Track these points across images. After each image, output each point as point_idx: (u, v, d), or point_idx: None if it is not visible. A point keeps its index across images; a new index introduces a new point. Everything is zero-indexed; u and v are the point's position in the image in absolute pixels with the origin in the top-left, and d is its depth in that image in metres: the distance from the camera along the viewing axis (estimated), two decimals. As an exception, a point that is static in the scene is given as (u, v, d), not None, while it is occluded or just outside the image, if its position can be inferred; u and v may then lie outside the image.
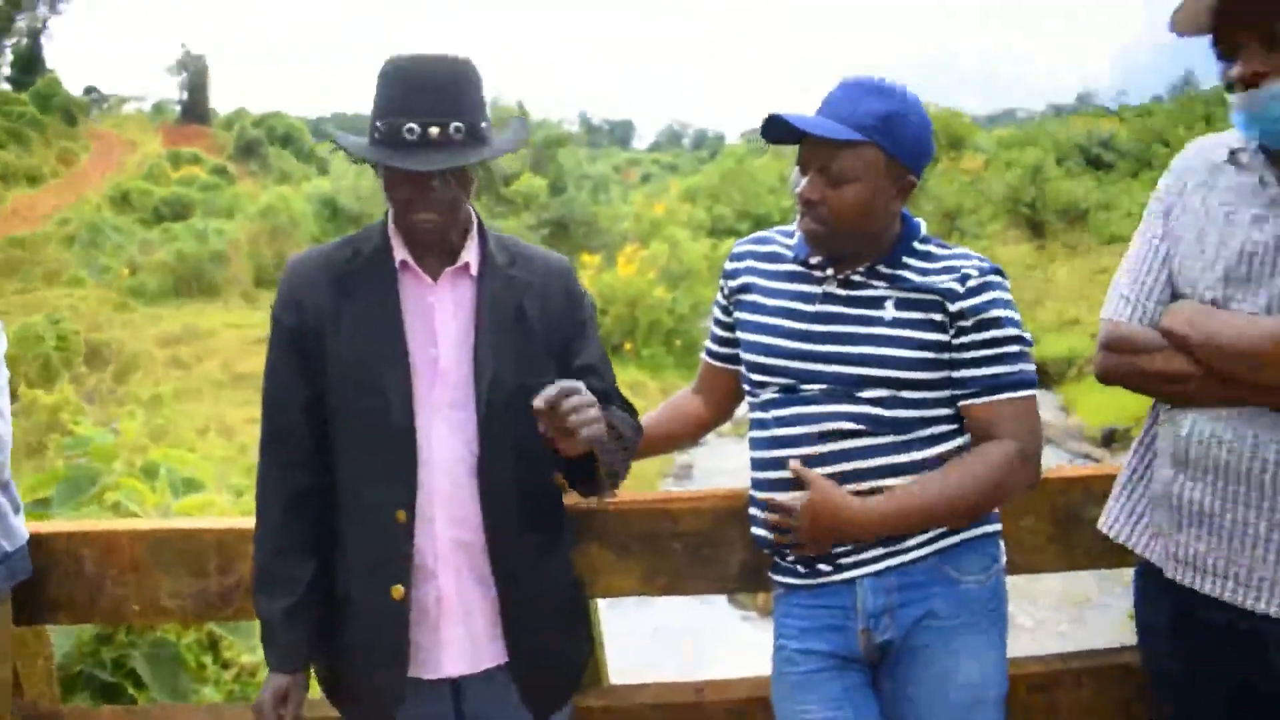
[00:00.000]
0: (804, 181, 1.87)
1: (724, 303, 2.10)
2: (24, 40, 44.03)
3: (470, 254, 1.93)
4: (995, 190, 29.29)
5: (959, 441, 1.90)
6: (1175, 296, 1.81)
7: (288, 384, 1.94)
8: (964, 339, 1.85)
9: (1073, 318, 20.39)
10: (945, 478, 1.84)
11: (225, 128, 45.70)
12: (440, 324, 1.91)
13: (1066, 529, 2.20)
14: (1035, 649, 2.40)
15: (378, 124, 1.79)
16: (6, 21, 40.81)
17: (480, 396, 1.89)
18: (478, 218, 1.99)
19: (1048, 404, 16.25)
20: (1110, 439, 14.40)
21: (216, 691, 3.50)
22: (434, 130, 1.77)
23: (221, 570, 2.29)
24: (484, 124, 1.85)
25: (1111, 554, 2.04)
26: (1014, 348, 1.87)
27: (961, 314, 1.85)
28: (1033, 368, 1.90)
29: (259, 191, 29.19)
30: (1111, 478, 2.03)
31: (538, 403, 1.67)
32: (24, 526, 2.27)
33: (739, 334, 2.03)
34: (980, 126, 45.17)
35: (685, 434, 2.25)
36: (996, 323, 1.85)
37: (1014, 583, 2.05)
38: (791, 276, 1.98)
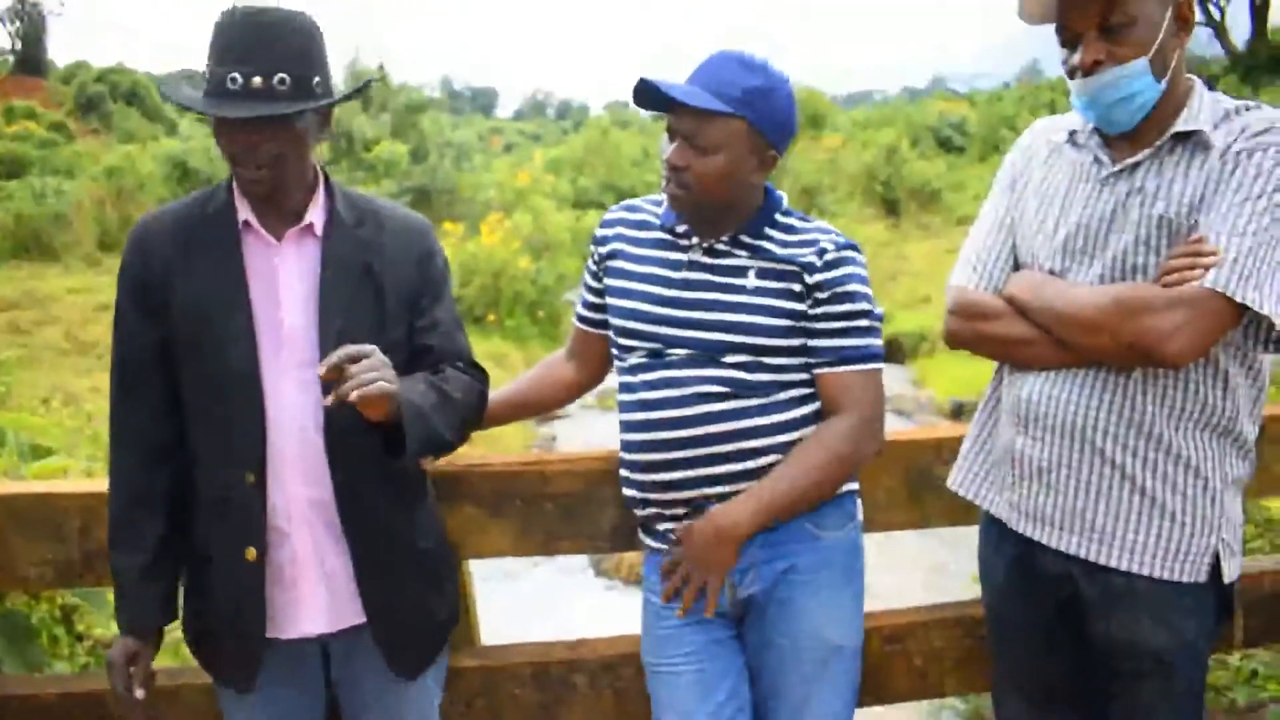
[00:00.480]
0: (671, 148, 1.93)
1: (594, 268, 2.15)
2: None
3: (315, 214, 1.91)
4: (852, 169, 30.05)
5: (814, 406, 2.00)
6: (1018, 266, 1.96)
7: (136, 335, 1.91)
8: (818, 310, 1.95)
9: (925, 295, 21.10)
10: (801, 461, 1.94)
11: (64, 81, 43.14)
12: (284, 285, 1.89)
13: (919, 488, 2.34)
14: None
15: (204, 73, 1.77)
16: None
17: (324, 356, 1.82)
18: (326, 177, 1.97)
19: (900, 378, 16.83)
20: (959, 411, 15.04)
21: (70, 666, 3.40)
22: (256, 80, 1.74)
23: (83, 535, 2.24)
24: (316, 79, 1.82)
25: (960, 511, 2.20)
26: (864, 322, 1.98)
27: (818, 286, 1.94)
28: (879, 342, 2.02)
29: (102, 151, 27.67)
30: (960, 439, 2.16)
31: (320, 369, 1.70)
32: None
33: (608, 299, 2.09)
34: (839, 106, 46.29)
35: (556, 398, 2.30)
36: (850, 297, 1.96)
37: (875, 550, 2.18)
38: (659, 244, 2.04)
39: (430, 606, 2.07)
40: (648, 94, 1.92)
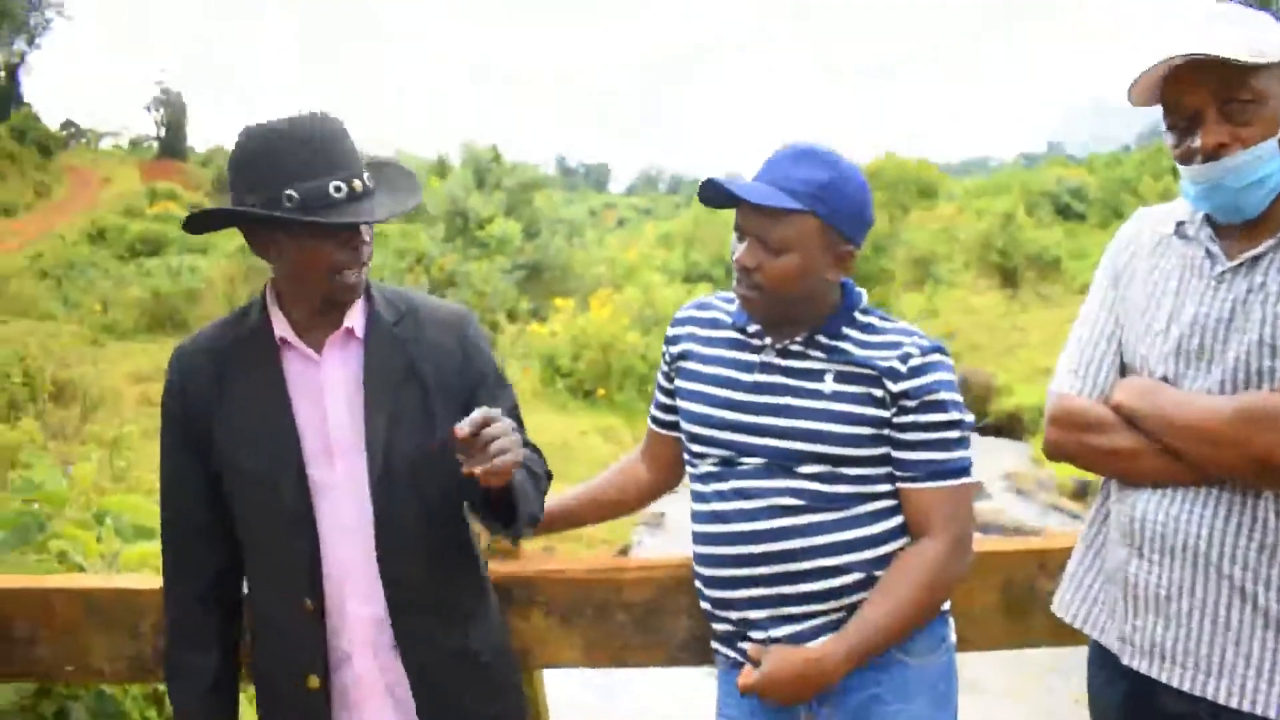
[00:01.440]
0: (741, 248, 1.85)
1: (666, 369, 2.08)
2: (1, 74, 43.90)
3: (355, 317, 1.86)
4: (967, 238, 29.58)
5: (898, 520, 1.87)
6: (1124, 371, 1.80)
7: (182, 469, 1.89)
8: (904, 419, 1.83)
9: (1045, 367, 20.47)
10: (893, 594, 1.81)
11: (203, 165, 45.64)
12: (330, 395, 1.85)
13: (1020, 604, 2.16)
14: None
15: (289, 191, 1.70)
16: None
17: (374, 466, 1.82)
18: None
19: (1020, 455, 16.26)
20: (1083, 491, 14.43)
21: (160, 752, 3.40)
22: (357, 184, 1.74)
23: (156, 632, 2.23)
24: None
25: (1066, 630, 2.00)
26: (955, 433, 1.85)
27: (905, 394, 1.82)
28: (970, 453, 1.88)
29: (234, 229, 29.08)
30: (1066, 551, 2.00)
31: (461, 428, 1.61)
32: None
33: (679, 402, 2.00)
34: (951, 174, 45.74)
35: (630, 499, 2.21)
36: (939, 406, 1.84)
37: (971, 668, 2.02)
38: (730, 344, 1.96)
39: (495, 717, 1.99)
40: (715, 193, 1.85)
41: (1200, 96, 1.64)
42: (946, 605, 1.94)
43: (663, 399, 2.11)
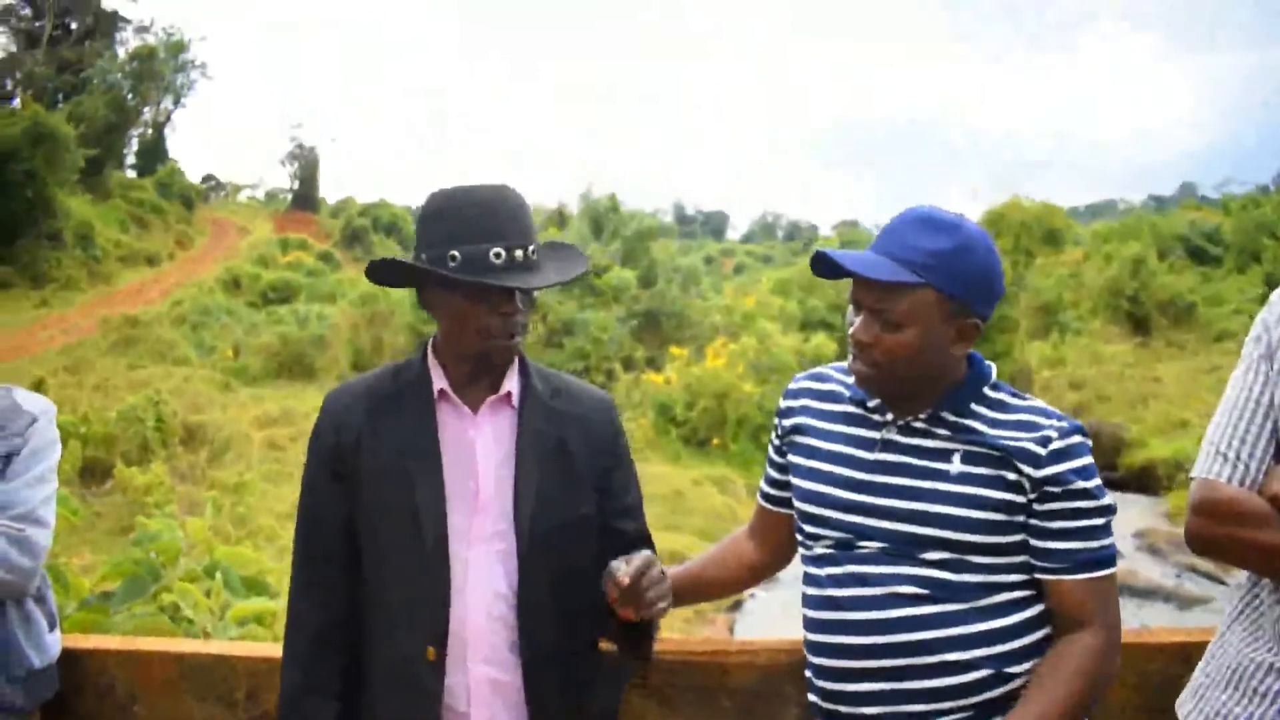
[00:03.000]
0: (856, 321, 1.73)
1: (778, 443, 1.96)
2: (149, 130, 46.45)
3: (512, 383, 1.91)
4: (1095, 284, 28.62)
5: (1031, 612, 1.71)
6: None
7: (326, 504, 1.90)
8: (1046, 507, 1.68)
9: (1180, 419, 19.57)
10: (1053, 689, 1.65)
11: (333, 215, 47.38)
12: (481, 456, 1.87)
13: (1162, 700, 1.95)
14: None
15: (453, 251, 1.78)
16: (134, 114, 43.15)
17: (521, 530, 1.84)
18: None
19: (1152, 511, 15.52)
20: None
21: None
22: (518, 253, 1.79)
23: (250, 700, 2.21)
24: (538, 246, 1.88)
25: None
26: (1100, 520, 1.70)
27: (1047, 481, 1.67)
28: (1114, 540, 1.73)
29: (361, 278, 30.01)
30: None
31: (622, 579, 1.68)
32: (58, 642, 2.23)
33: (792, 479, 1.88)
34: (1079, 218, 44.37)
35: (737, 579, 2.09)
36: (1085, 494, 1.68)
37: None
38: (849, 419, 1.83)
39: None
40: (825, 265, 1.74)
41: None
42: None
43: (774, 474, 1.99)
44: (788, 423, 1.92)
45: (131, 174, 43.33)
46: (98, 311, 25.47)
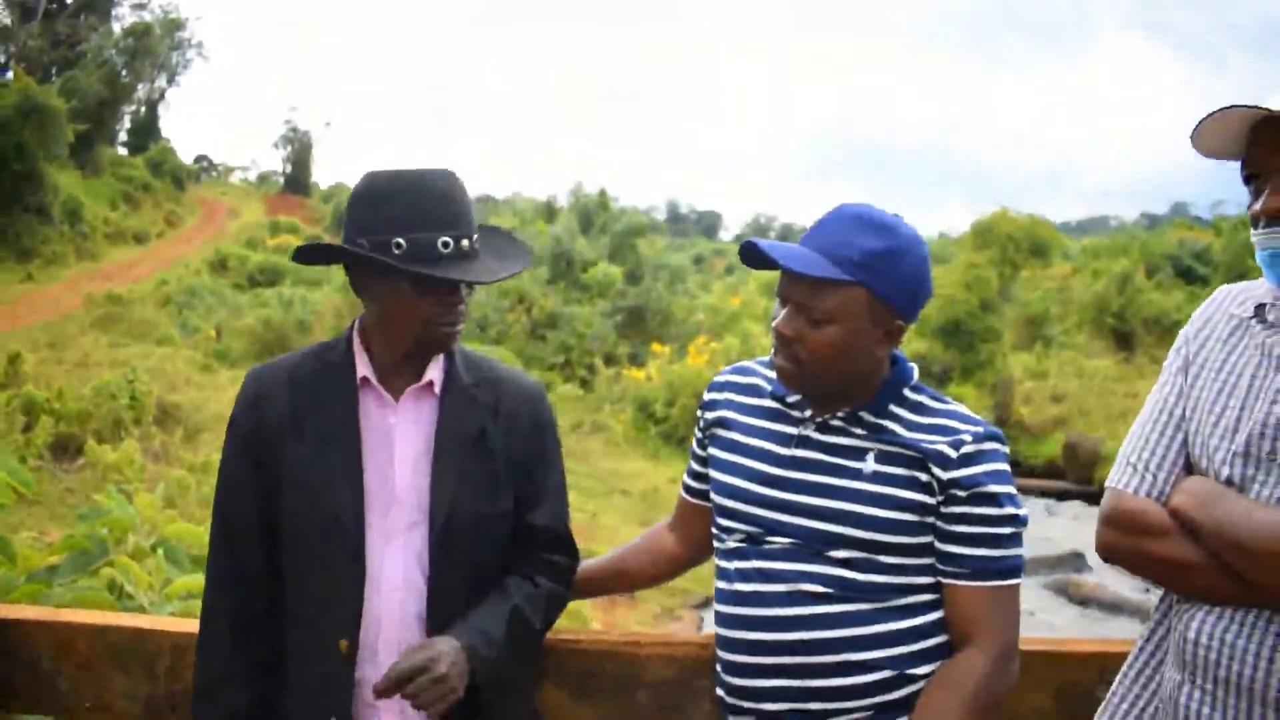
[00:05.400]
0: (781, 315, 1.72)
1: (700, 436, 1.95)
2: (142, 108, 46.20)
3: (435, 371, 1.87)
4: (1082, 299, 28.68)
5: (937, 614, 1.71)
6: (1191, 469, 1.58)
7: (242, 493, 1.87)
8: (952, 510, 1.68)
9: (1158, 436, 19.60)
10: (939, 713, 1.63)
11: (324, 200, 47.21)
12: (400, 446, 1.84)
13: (1076, 711, 1.95)
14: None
15: (399, 239, 1.74)
16: (128, 91, 42.89)
17: (435, 521, 1.80)
18: None
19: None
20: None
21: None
22: (465, 244, 1.77)
23: (171, 672, 2.19)
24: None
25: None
26: (1007, 529, 1.69)
27: (955, 484, 1.67)
28: (1022, 551, 1.72)
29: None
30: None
31: (378, 686, 1.67)
32: None
33: (711, 471, 1.87)
34: (1070, 233, 44.48)
35: (656, 571, 2.09)
36: (992, 499, 1.67)
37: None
38: (769, 414, 1.82)
39: None
40: (755, 256, 1.72)
41: (1271, 151, 1.45)
42: None
43: (696, 467, 1.99)
44: (710, 415, 1.91)
45: (123, 151, 43.12)
46: (83, 288, 25.32)
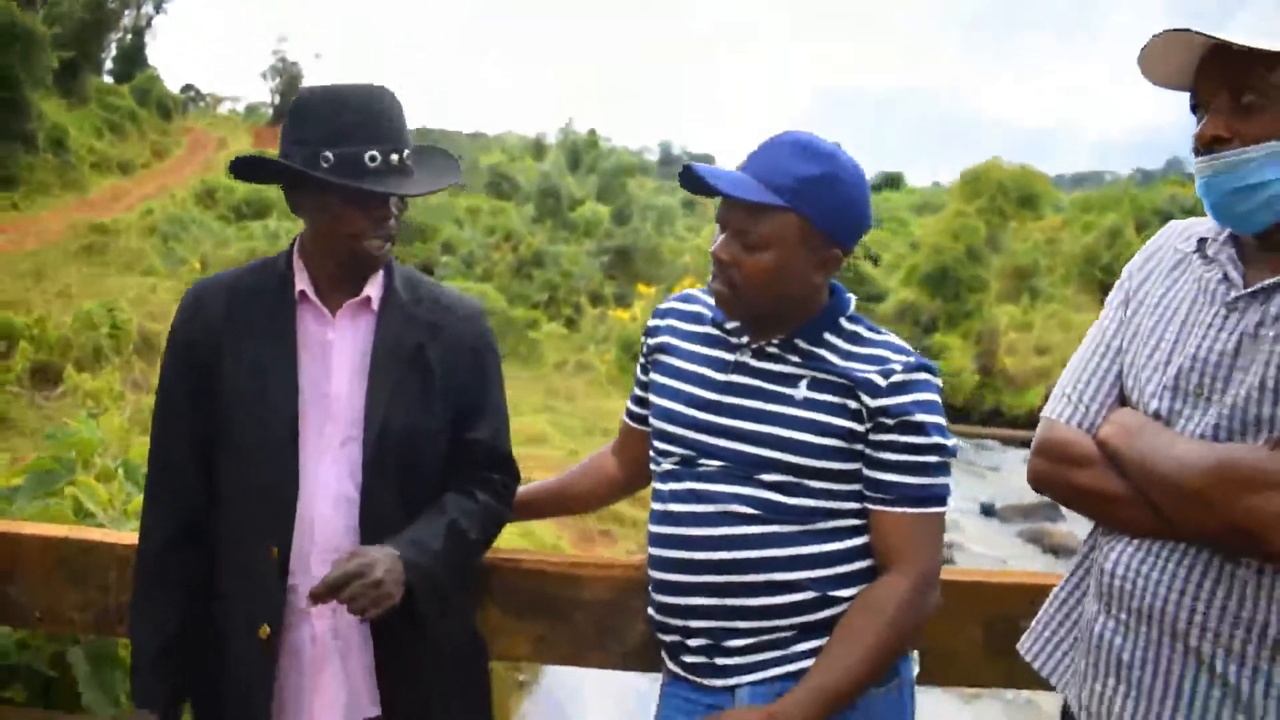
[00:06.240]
0: (718, 240, 1.73)
1: (643, 361, 1.97)
2: (128, 36, 45.45)
3: (373, 289, 1.88)
4: (1071, 252, 28.69)
5: (862, 540, 1.74)
6: (1125, 400, 1.60)
7: (179, 404, 1.88)
8: (880, 437, 1.70)
9: (1139, 389, 19.70)
10: (858, 639, 1.67)
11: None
12: (336, 358, 1.86)
13: (1006, 642, 1.98)
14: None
15: (327, 153, 1.74)
16: (114, 18, 42.19)
17: (369, 435, 1.82)
18: None
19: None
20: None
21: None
22: (394, 157, 1.77)
23: (121, 583, 2.22)
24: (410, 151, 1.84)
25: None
26: (933, 458, 1.71)
27: (883, 411, 1.69)
28: (948, 480, 1.74)
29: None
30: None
31: (314, 590, 1.68)
32: None
33: (651, 396, 1.89)
34: (1064, 186, 44.37)
35: (598, 494, 2.12)
36: (919, 428, 1.69)
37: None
38: (708, 340, 1.84)
39: (452, 702, 1.96)
40: (693, 181, 1.73)
41: (1213, 84, 1.45)
42: None
43: (638, 392, 2.01)
44: (653, 341, 1.93)
45: (109, 80, 42.46)
46: (69, 217, 25.10)
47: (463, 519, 1.87)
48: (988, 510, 16.10)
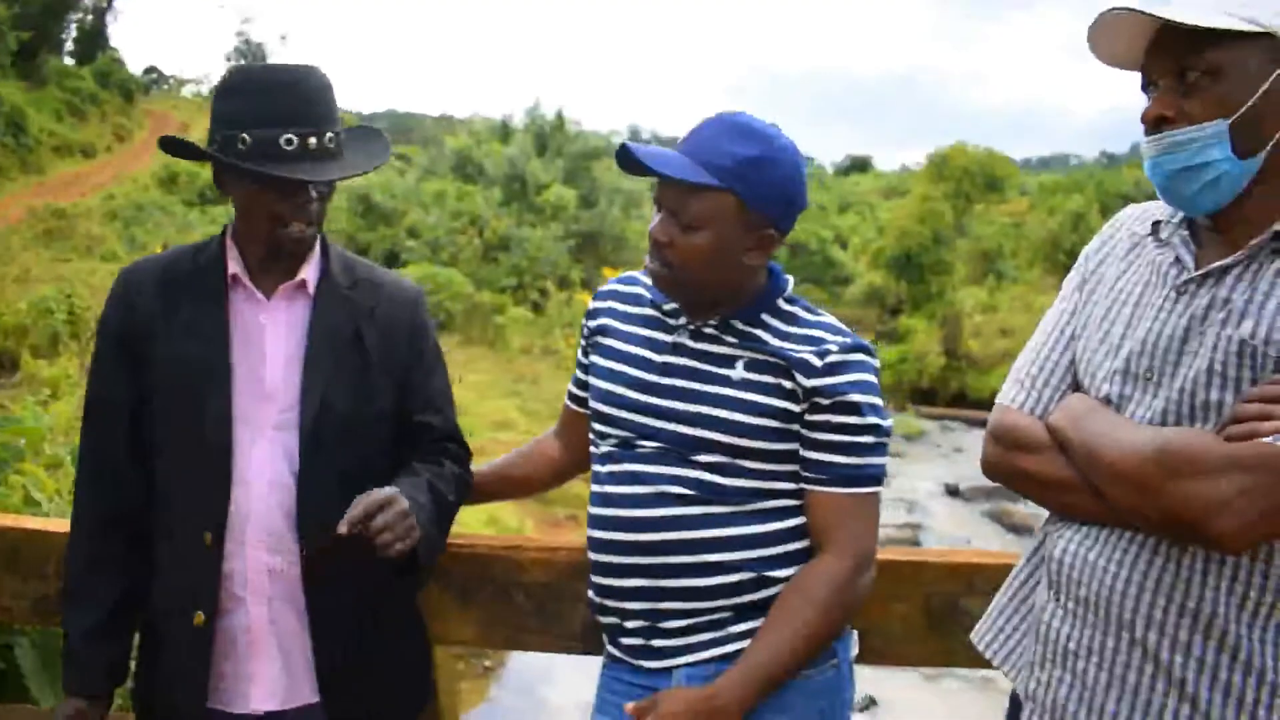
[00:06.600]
0: (655, 220, 1.73)
1: (584, 343, 1.96)
2: (89, 17, 44.74)
3: (309, 272, 1.87)
4: (1036, 235, 28.91)
5: (798, 520, 1.75)
6: (1079, 386, 1.57)
7: (111, 388, 1.86)
8: (816, 418, 1.70)
9: (1102, 371, 19.91)
10: (791, 621, 1.67)
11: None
12: (271, 342, 1.84)
13: (942, 620, 2.00)
14: None
15: (244, 134, 1.72)
16: (73, -3, 41.51)
17: (305, 420, 1.81)
18: (323, 236, 1.91)
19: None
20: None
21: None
22: (312, 140, 1.74)
23: (60, 575, 2.19)
24: (340, 133, 1.81)
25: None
26: (868, 438, 1.71)
27: (818, 391, 1.69)
28: (883, 460, 1.74)
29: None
30: (996, 569, 1.85)
31: (342, 528, 1.63)
32: None
33: (590, 378, 1.89)
34: (1030, 170, 44.65)
35: (541, 477, 2.12)
36: (854, 408, 1.70)
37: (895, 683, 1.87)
38: (647, 322, 1.84)
39: (393, 688, 1.95)
40: (629, 160, 1.72)
41: (1161, 64, 1.42)
42: None
43: (579, 375, 2.01)
44: (593, 324, 1.93)
45: (69, 62, 41.78)
46: (28, 201, 24.71)
47: (439, 482, 1.88)
48: (952, 491, 16.24)
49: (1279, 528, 1.29)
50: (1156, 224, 1.54)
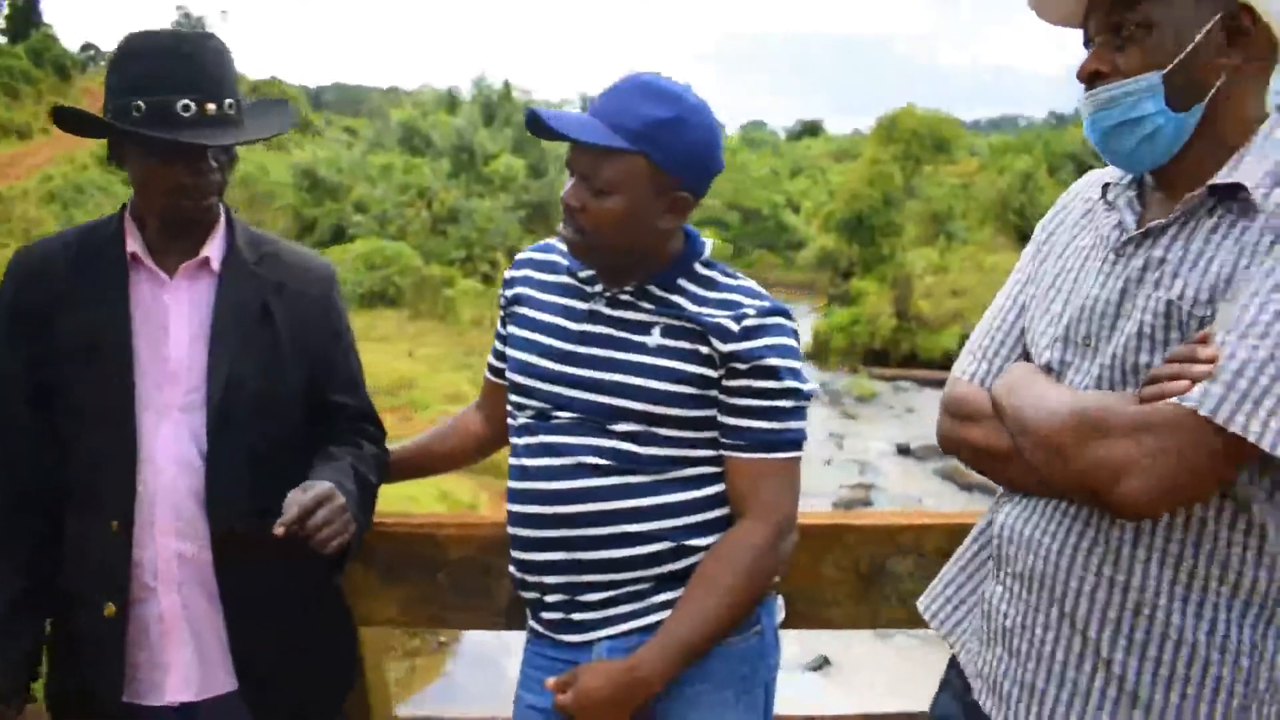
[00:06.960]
0: (568, 185, 1.68)
1: (502, 314, 1.92)
2: (19, -8, 43.57)
3: (213, 249, 1.80)
4: (985, 196, 29.13)
5: (717, 488, 1.72)
6: (1029, 356, 1.53)
7: (9, 369, 1.79)
8: (734, 383, 1.67)
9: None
10: (714, 588, 1.65)
11: (220, 91, 45.33)
12: (174, 321, 1.78)
13: (869, 582, 2.00)
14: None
15: (139, 101, 1.66)
16: (2, -28, 40.38)
17: (212, 400, 1.75)
18: (228, 211, 1.85)
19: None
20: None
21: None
22: (210, 107, 1.69)
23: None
24: (242, 101, 1.76)
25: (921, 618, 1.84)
26: (786, 402, 1.68)
27: (735, 356, 1.65)
28: (803, 424, 1.71)
29: (245, 160, 28.95)
30: (923, 530, 1.83)
31: (278, 529, 1.60)
32: None
33: (508, 349, 1.85)
34: (980, 131, 44.89)
35: (464, 451, 2.07)
36: (772, 372, 1.66)
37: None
38: (563, 290, 1.80)
39: (317, 672, 1.92)
40: (538, 125, 1.67)
41: (1098, 19, 1.40)
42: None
43: (498, 346, 1.96)
44: (510, 293, 1.88)
45: (1, 40, 40.73)
46: (-40, 184, 24.13)
47: (360, 465, 1.84)
48: (904, 450, 16.41)
49: (1191, 491, 1.26)
50: (1105, 186, 1.51)
